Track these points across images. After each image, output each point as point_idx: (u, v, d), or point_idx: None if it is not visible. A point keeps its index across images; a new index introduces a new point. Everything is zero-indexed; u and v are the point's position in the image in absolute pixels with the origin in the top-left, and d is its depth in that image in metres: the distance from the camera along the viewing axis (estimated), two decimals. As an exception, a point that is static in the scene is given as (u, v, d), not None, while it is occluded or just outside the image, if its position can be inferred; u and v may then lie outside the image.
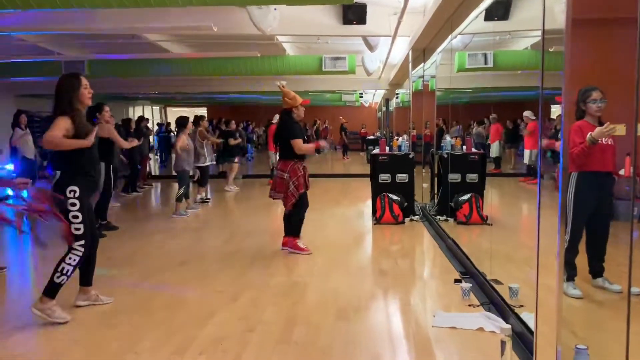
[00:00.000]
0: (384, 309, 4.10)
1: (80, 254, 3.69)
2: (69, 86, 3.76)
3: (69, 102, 3.72)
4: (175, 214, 8.10)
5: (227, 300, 4.18)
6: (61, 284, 3.67)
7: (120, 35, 8.89)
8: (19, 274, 5.18)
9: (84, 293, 4.03)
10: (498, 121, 11.73)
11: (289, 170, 5.49)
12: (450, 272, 4.95)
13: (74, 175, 3.72)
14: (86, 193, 3.77)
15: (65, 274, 3.65)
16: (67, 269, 3.65)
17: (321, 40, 9.41)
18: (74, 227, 3.67)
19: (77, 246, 3.69)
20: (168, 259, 5.54)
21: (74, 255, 3.68)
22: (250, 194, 10.81)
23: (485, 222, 6.98)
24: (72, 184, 3.68)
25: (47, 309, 3.63)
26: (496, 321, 3.57)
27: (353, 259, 5.58)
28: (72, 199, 3.66)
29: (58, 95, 3.76)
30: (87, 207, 3.78)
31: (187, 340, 3.36)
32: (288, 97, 5.59)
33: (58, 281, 3.65)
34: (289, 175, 5.48)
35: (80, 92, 3.78)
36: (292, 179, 5.47)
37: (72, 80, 3.79)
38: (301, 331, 3.53)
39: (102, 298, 4.08)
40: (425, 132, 9.62)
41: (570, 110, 1.93)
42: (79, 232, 3.69)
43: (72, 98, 3.73)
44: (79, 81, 3.80)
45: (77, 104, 3.76)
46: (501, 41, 9.26)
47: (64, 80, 3.81)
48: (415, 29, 7.45)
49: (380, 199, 7.40)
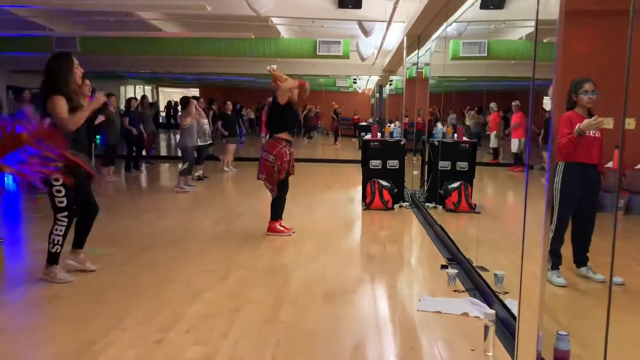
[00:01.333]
0: (371, 293, 4.14)
1: (64, 224, 3.96)
2: (63, 67, 3.87)
3: (66, 83, 3.86)
4: (178, 188, 8.59)
5: (215, 279, 4.20)
6: (57, 252, 3.99)
7: (113, 13, 8.79)
8: (12, 247, 5.16)
9: (74, 254, 4.25)
10: (497, 110, 11.76)
11: (276, 153, 5.50)
12: (437, 259, 5.00)
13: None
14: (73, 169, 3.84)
15: (57, 243, 3.97)
16: (57, 239, 3.96)
17: (316, 23, 9.35)
18: (57, 200, 3.90)
19: (60, 217, 3.94)
20: (158, 237, 5.55)
21: (59, 226, 3.95)
22: (243, 176, 10.80)
23: (474, 210, 7.04)
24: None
25: (51, 272, 3.98)
26: (480, 307, 3.62)
27: (342, 244, 5.61)
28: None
29: (51, 75, 3.85)
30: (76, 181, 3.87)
31: (174, 318, 3.39)
32: (280, 80, 5.59)
33: (53, 250, 3.98)
34: (274, 158, 5.49)
35: (73, 72, 3.91)
36: (277, 163, 5.49)
37: (66, 61, 3.90)
38: (288, 311, 3.56)
39: (89, 264, 4.30)
40: (417, 120, 9.64)
41: (561, 102, 1.95)
42: (62, 204, 3.92)
43: (67, 79, 3.86)
44: (71, 61, 3.92)
45: (71, 83, 3.89)
46: (496, 30, 9.27)
47: (57, 60, 3.89)
48: (411, 15, 7.43)
49: (371, 185, 7.43)
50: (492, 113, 11.79)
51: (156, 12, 9.19)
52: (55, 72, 3.86)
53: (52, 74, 3.87)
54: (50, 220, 3.99)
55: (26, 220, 6.70)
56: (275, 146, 5.52)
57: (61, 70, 3.87)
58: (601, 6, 2.36)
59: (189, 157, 8.72)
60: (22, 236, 5.82)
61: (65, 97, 3.84)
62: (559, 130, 3.28)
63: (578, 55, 2.46)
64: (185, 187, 8.65)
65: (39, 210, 6.77)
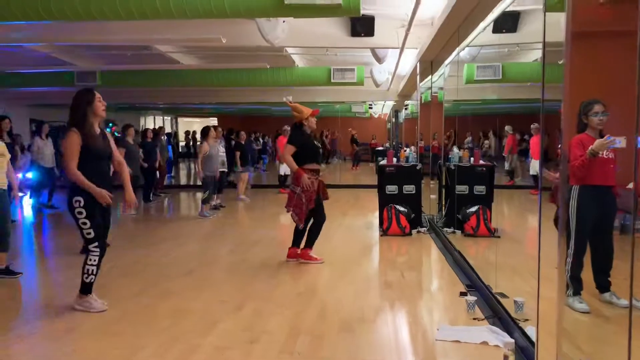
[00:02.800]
0: (389, 322, 4.07)
1: (97, 254, 4.09)
2: (83, 100, 4.06)
3: (83, 115, 4.02)
4: (200, 215, 8.98)
5: (231, 309, 4.18)
6: (91, 282, 4.12)
7: (132, 47, 8.99)
8: (27, 282, 5.21)
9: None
10: (512, 133, 11.68)
11: (302, 185, 5.50)
12: (456, 285, 4.92)
13: (79, 186, 3.97)
14: (94, 202, 4.00)
15: (91, 273, 4.10)
16: (91, 269, 4.09)
17: (330, 52, 9.44)
18: (85, 232, 4.03)
19: (92, 248, 4.08)
20: (174, 267, 5.56)
21: (93, 256, 4.09)
22: (259, 204, 10.83)
23: (493, 234, 6.93)
24: (77, 194, 3.99)
25: (85, 302, 4.10)
26: (500, 335, 3.53)
27: (359, 271, 5.55)
28: (78, 207, 3.98)
29: (73, 109, 4.06)
30: (96, 213, 4.03)
31: (189, 349, 3.36)
32: (296, 111, 5.67)
33: (87, 280, 4.11)
34: (301, 189, 5.50)
35: (94, 104, 4.08)
36: (304, 193, 5.49)
37: (87, 95, 4.09)
38: (304, 342, 3.52)
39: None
40: (433, 144, 9.60)
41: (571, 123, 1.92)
42: (90, 235, 4.04)
43: (86, 111, 4.03)
44: (92, 95, 4.10)
45: (91, 116, 4.06)
46: (510, 53, 9.26)
47: (79, 95, 4.09)
48: (423, 41, 7.47)
49: (387, 210, 7.38)
50: (508, 136, 11.71)
51: (173, 45, 9.39)
52: (76, 106, 4.04)
53: (73, 109, 4.05)
54: (69, 253, 4.04)
55: (42, 254, 6.77)
56: (299, 179, 5.52)
57: (80, 104, 4.04)
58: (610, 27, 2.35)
59: (208, 185, 8.89)
60: (37, 269, 5.86)
61: (81, 131, 3.97)
62: (571, 153, 3.22)
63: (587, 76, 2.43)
64: (207, 214, 8.96)
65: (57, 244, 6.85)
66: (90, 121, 4.04)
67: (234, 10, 5.01)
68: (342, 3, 4.79)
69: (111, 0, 5.04)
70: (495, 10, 5.48)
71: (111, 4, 5.07)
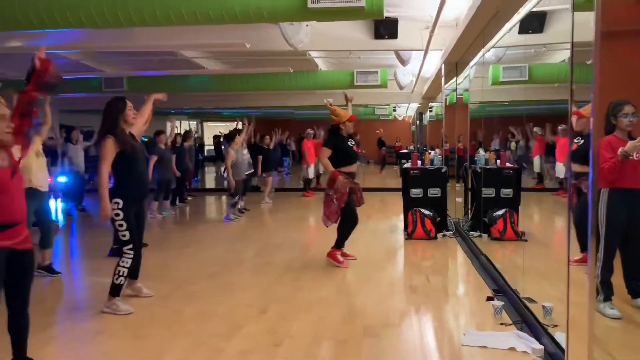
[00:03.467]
0: (413, 326, 4.03)
1: (130, 257, 4.19)
2: (115, 108, 4.19)
3: (115, 122, 4.14)
4: (226, 218, 9.09)
5: (255, 313, 4.19)
6: (121, 284, 4.19)
7: (158, 53, 9.13)
8: (59, 284, 5.31)
9: (130, 285, 4.53)
10: (541, 135, 11.47)
11: (335, 187, 5.47)
12: (482, 290, 4.84)
13: (120, 188, 4.14)
14: (131, 204, 4.16)
15: (122, 275, 4.18)
16: (122, 271, 4.18)
17: (353, 55, 9.43)
18: (120, 233, 4.15)
19: (126, 250, 4.18)
20: (199, 270, 5.61)
21: (126, 258, 4.18)
22: (283, 207, 10.86)
23: (521, 238, 6.81)
24: (116, 196, 4.11)
25: (113, 305, 4.16)
26: (528, 341, 3.46)
27: (383, 275, 5.51)
28: (116, 209, 4.10)
29: (105, 116, 4.18)
30: (133, 216, 4.16)
31: (213, 353, 3.38)
32: (334, 114, 5.66)
33: (117, 282, 4.18)
34: (334, 192, 5.48)
35: (125, 113, 4.19)
36: (336, 194, 5.46)
37: (119, 103, 4.22)
38: (328, 346, 3.51)
39: (146, 291, 4.59)
40: (458, 146, 9.50)
41: (600, 124, 1.87)
42: (126, 237, 4.15)
43: (117, 119, 4.15)
44: (124, 104, 4.23)
45: (122, 124, 4.18)
46: (537, 54, 9.11)
47: (112, 103, 4.22)
48: (448, 43, 7.40)
49: (412, 214, 7.32)
50: (536, 137, 11.51)
51: (198, 50, 9.50)
52: (108, 113, 4.19)
53: (105, 116, 4.19)
54: (100, 256, 4.11)
55: (73, 256, 6.90)
56: (334, 181, 5.50)
57: (112, 112, 4.18)
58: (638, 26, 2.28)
59: (239, 189, 9.03)
60: (68, 271, 5.97)
61: (115, 137, 4.10)
62: (600, 155, 3.14)
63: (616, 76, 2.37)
64: (232, 217, 9.08)
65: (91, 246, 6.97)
66: (122, 128, 4.17)
67: (258, 15, 5.04)
68: (365, 6, 4.78)
69: (137, 7, 5.12)
70: (521, 10, 5.40)
71: (137, 11, 5.15)
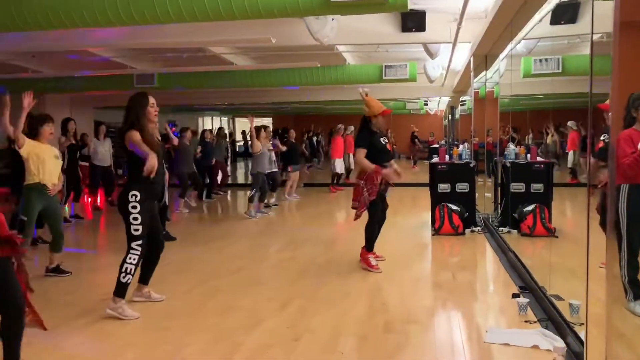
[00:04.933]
0: (435, 323, 3.98)
1: (138, 252, 4.02)
2: (137, 103, 4.13)
3: (137, 118, 4.08)
4: (247, 214, 8.91)
5: (276, 307, 4.21)
6: (127, 283, 4.01)
7: (187, 49, 9.23)
8: (85, 277, 5.45)
9: (139, 290, 4.38)
10: (575, 129, 11.15)
11: (366, 177, 5.33)
12: (509, 287, 4.74)
13: (137, 181, 4.04)
14: (147, 198, 4.07)
15: (129, 273, 3.99)
16: (129, 268, 3.99)
17: (381, 48, 9.33)
18: (133, 227, 4.01)
19: (135, 245, 4.02)
20: (224, 265, 5.67)
21: (133, 254, 4.01)
22: (310, 202, 10.87)
23: (552, 234, 6.65)
24: (133, 189, 4.03)
25: (118, 308, 3.98)
26: (553, 339, 3.38)
27: (408, 271, 5.46)
28: (133, 202, 4.01)
29: (128, 111, 4.13)
30: (147, 211, 4.07)
31: (234, 347, 3.41)
32: (368, 105, 5.46)
33: (124, 281, 3.99)
34: (364, 182, 5.33)
35: (147, 109, 4.13)
36: (367, 186, 5.30)
37: (142, 99, 4.16)
38: (347, 342, 3.49)
39: (155, 296, 4.41)
40: (487, 140, 9.33)
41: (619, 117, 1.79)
42: (138, 232, 4.02)
43: (139, 114, 4.09)
44: (146, 99, 4.17)
45: (144, 120, 4.10)
46: (570, 45, 8.85)
47: (134, 98, 4.18)
48: (476, 35, 7.26)
49: (439, 209, 7.22)
50: (570, 131, 11.20)
51: (227, 46, 9.57)
52: (131, 108, 4.15)
53: (128, 111, 4.15)
54: (122, 251, 4.10)
55: (100, 250, 7.07)
56: (365, 171, 5.36)
57: (135, 107, 4.13)
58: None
59: (258, 183, 8.97)
60: (93, 265, 6.11)
61: (139, 131, 4.05)
62: (619, 149, 3.01)
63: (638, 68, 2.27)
64: (258, 213, 8.98)
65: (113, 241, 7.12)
66: (143, 123, 4.11)
67: (281, 10, 5.03)
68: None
69: (162, 3, 5.17)
70: (551, 0, 5.26)
71: (162, 8, 5.20)
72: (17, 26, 5.72)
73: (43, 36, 7.54)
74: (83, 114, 14.12)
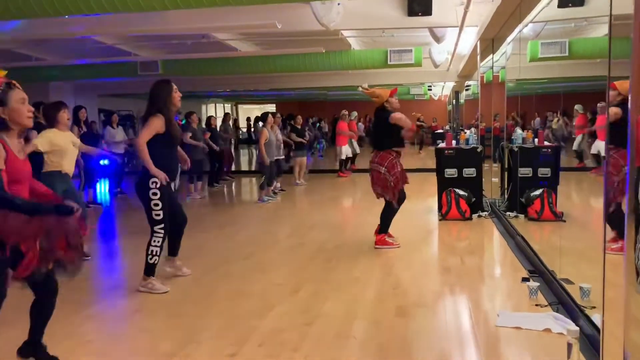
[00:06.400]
0: (447, 307, 4.00)
1: (161, 235, 4.24)
2: (163, 90, 4.25)
3: (164, 104, 4.20)
4: (260, 200, 9.07)
5: (288, 292, 4.24)
6: (155, 263, 4.24)
7: (191, 36, 9.20)
8: (100, 263, 5.49)
9: (171, 262, 4.64)
10: (583, 113, 11.09)
11: (387, 165, 5.43)
12: (518, 271, 4.76)
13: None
14: (165, 185, 4.21)
15: (155, 254, 4.23)
16: (155, 250, 4.23)
17: (386, 33, 9.28)
18: (154, 213, 4.20)
19: (157, 229, 4.23)
20: (234, 251, 5.70)
21: (157, 237, 4.23)
22: (318, 189, 10.89)
23: (560, 218, 6.65)
24: (153, 176, 4.14)
25: (148, 284, 4.23)
26: (564, 322, 3.40)
27: (417, 256, 5.49)
28: (154, 189, 4.15)
29: (153, 98, 4.23)
30: (166, 194, 4.23)
31: (248, 331, 3.44)
32: (374, 95, 5.58)
33: (151, 262, 4.23)
34: (386, 170, 5.43)
35: (172, 95, 4.26)
36: (390, 173, 5.42)
37: (166, 86, 4.27)
38: (360, 326, 3.52)
39: (185, 270, 4.68)
40: (494, 125, 9.30)
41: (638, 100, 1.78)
42: (159, 217, 4.21)
43: (166, 101, 4.21)
44: (170, 86, 4.28)
45: (170, 105, 4.24)
46: (577, 28, 8.78)
47: (159, 85, 4.28)
48: (483, 18, 7.21)
49: (446, 194, 7.23)
50: (577, 115, 11.15)
51: (231, 32, 9.53)
52: (157, 95, 4.24)
53: (153, 98, 4.25)
54: (139, 237, 4.20)
55: (113, 236, 7.11)
56: (385, 158, 5.45)
57: (160, 93, 4.24)
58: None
59: (267, 170, 9.00)
60: (107, 252, 6.15)
61: (165, 117, 4.18)
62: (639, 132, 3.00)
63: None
64: (268, 198, 9.07)
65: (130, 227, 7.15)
66: (170, 109, 4.24)
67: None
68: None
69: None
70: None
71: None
72: (22, 13, 5.72)
73: (47, 23, 7.53)
74: (87, 102, 14.12)
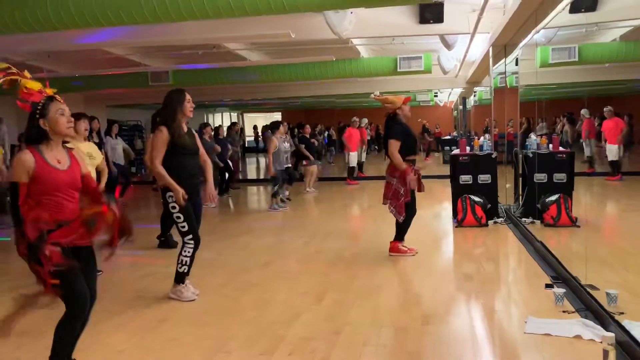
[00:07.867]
0: (472, 314, 3.99)
1: (191, 246, 4.25)
2: (175, 99, 4.24)
3: (173, 113, 4.19)
4: (271, 209, 9.08)
5: (311, 301, 4.23)
6: (185, 273, 4.29)
7: (201, 46, 9.23)
8: (122, 273, 5.47)
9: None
10: (589, 117, 11.09)
11: (399, 175, 5.35)
12: (539, 277, 4.74)
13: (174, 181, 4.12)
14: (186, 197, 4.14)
15: (185, 264, 4.27)
16: (185, 260, 4.26)
17: (396, 40, 9.30)
18: (179, 225, 4.22)
19: (187, 240, 4.25)
20: (252, 259, 5.69)
21: (187, 248, 4.26)
22: (328, 196, 10.88)
23: (575, 224, 6.64)
24: (170, 190, 4.11)
25: (177, 291, 4.29)
26: (595, 329, 3.38)
27: (435, 263, 5.47)
28: (172, 202, 4.14)
29: (164, 106, 4.25)
30: (188, 208, 4.18)
31: (276, 340, 3.43)
32: (387, 102, 5.52)
33: (181, 270, 4.29)
34: (397, 181, 5.36)
35: (184, 105, 4.23)
36: (402, 186, 5.32)
37: (179, 95, 4.27)
38: (388, 334, 3.51)
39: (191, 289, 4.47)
40: (508, 131, 9.30)
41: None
42: (185, 229, 4.22)
43: (176, 110, 4.20)
44: (183, 95, 4.27)
45: (180, 115, 4.21)
46: (587, 33, 8.79)
47: (172, 94, 4.28)
48: (496, 25, 7.22)
49: (462, 201, 7.21)
50: (584, 120, 11.15)
51: (241, 42, 9.56)
52: (168, 104, 4.24)
53: (164, 107, 4.27)
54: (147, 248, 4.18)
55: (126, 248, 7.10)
56: (405, 177, 5.33)
57: (172, 102, 4.23)
58: None
59: (277, 178, 9.01)
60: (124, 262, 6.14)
61: (169, 129, 4.14)
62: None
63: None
64: (276, 207, 9.05)
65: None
66: (179, 119, 4.21)
67: (306, 5, 5.03)
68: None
69: (174, 3, 5.13)
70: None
71: (174, 7, 5.17)
72: (31, 28, 5.74)
73: (57, 36, 7.55)
74: (96, 112, 14.18)
